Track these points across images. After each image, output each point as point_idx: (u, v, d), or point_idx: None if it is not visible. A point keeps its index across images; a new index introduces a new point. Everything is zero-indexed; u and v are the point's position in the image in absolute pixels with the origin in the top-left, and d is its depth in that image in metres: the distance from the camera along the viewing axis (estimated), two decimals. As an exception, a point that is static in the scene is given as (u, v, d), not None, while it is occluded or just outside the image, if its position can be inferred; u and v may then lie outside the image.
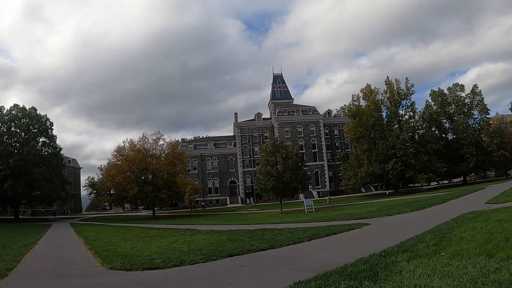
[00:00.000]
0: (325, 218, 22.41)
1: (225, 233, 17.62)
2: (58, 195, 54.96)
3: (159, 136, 51.23)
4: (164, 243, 14.85)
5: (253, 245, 11.50)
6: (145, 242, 15.63)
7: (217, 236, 15.92)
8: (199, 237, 16.46)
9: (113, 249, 13.31)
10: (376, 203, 37.47)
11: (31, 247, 16.16)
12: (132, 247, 13.68)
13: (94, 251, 12.99)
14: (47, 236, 23.89)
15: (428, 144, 60.91)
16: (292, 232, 14.59)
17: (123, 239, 18.32)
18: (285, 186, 36.89)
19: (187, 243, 14.03)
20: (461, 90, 70.46)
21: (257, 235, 14.74)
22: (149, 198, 46.35)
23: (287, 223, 22.47)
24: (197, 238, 15.80)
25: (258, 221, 26.69)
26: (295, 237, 12.79)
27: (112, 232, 24.26)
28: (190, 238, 16.05)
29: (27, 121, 55.88)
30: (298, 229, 16.04)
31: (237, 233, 16.58)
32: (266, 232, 15.84)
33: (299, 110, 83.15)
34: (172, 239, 16.30)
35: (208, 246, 12.43)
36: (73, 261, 11.18)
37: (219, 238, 14.91)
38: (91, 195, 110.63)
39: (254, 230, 17.37)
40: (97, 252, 12.68)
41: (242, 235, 15.41)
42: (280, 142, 43.96)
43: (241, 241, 13.20)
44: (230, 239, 14.20)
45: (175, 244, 14.05)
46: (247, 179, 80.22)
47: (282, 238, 12.73)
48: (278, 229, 16.77)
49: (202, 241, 14.57)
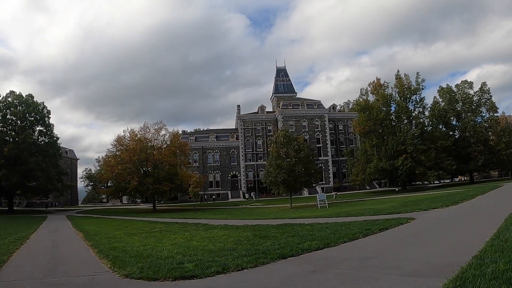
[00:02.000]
0: (350, 213, 20.46)
1: (245, 228, 15.52)
2: (54, 186, 52.59)
3: (161, 125, 48.89)
4: (179, 239, 12.67)
5: (297, 242, 9.41)
6: (155, 238, 13.44)
7: (239, 232, 13.79)
8: (218, 232, 14.31)
9: (121, 247, 11.08)
10: (392, 199, 35.47)
11: (22, 242, 13.91)
12: (143, 245, 11.45)
13: (98, 250, 10.78)
14: (41, 229, 21.61)
15: (438, 141, 59.22)
16: (331, 228, 12.54)
17: (128, 234, 16.13)
18: (296, 179, 34.77)
19: (209, 240, 11.89)
20: (469, 88, 69.14)
21: (288, 231, 12.76)
22: (150, 191, 44.00)
23: (307, 218, 20.41)
24: (216, 234, 13.64)
25: (272, 216, 24.55)
26: (345, 233, 10.73)
27: (113, 226, 22.05)
28: (207, 234, 13.88)
29: (23, 109, 53.37)
30: (335, 224, 13.98)
31: (261, 229, 14.48)
32: (296, 227, 13.85)
33: (304, 104, 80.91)
34: (186, 235, 14.13)
35: (237, 244, 10.30)
36: (73, 264, 8.84)
37: (244, 234, 12.80)
38: (88, 187, 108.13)
39: (279, 226, 15.33)
40: (102, 250, 10.48)
41: (269, 231, 13.37)
42: (291, 133, 41.70)
43: (274, 238, 11.14)
44: (258, 235, 12.13)
45: (194, 241, 11.88)
46: (249, 173, 78.05)
47: (327, 234, 10.71)
48: (307, 224, 14.73)
49: (224, 237, 12.44)
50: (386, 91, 61.77)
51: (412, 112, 61.75)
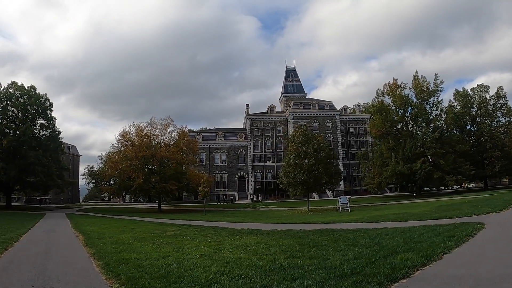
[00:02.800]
0: (388, 218, 17.71)
1: (279, 234, 12.96)
2: (55, 182, 49.93)
3: (168, 121, 46.11)
4: (205, 248, 9.97)
5: (382, 255, 6.71)
6: (173, 246, 10.74)
7: (275, 239, 11.21)
8: (248, 239, 11.63)
9: (134, 259, 8.33)
10: (418, 203, 32.73)
11: (7, 247, 11.18)
12: (162, 256, 8.75)
13: (104, 263, 8.10)
14: (35, 229, 18.84)
15: (457, 145, 56.64)
16: (395, 234, 10.01)
17: (137, 238, 13.42)
18: (315, 180, 32.06)
19: (244, 250, 9.28)
20: (485, 92, 66.87)
21: (339, 238, 10.52)
22: (156, 190, 41.22)
23: (341, 222, 17.90)
24: (248, 242, 10.96)
25: (296, 220, 21.79)
26: (425, 241, 8.04)
27: (117, 227, 19.32)
28: (237, 241, 11.20)
29: (24, 101, 50.91)
30: (392, 230, 11.50)
31: (301, 235, 12.07)
32: (345, 234, 11.64)
33: (316, 105, 78.20)
34: (210, 242, 11.43)
35: (289, 256, 7.96)
36: (68, 285, 6.15)
37: (285, 242, 10.23)
38: (90, 185, 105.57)
39: (320, 231, 12.84)
40: (109, 265, 7.82)
41: (314, 238, 10.97)
42: (310, 132, 39.01)
43: (332, 248, 8.84)
44: (305, 243, 9.72)
45: (226, 251, 9.22)
46: (257, 174, 75.24)
47: (400, 243, 8.16)
48: (357, 230, 12.46)
49: (261, 246, 9.86)
50: (403, 92, 59.21)
51: (430, 114, 59.19)
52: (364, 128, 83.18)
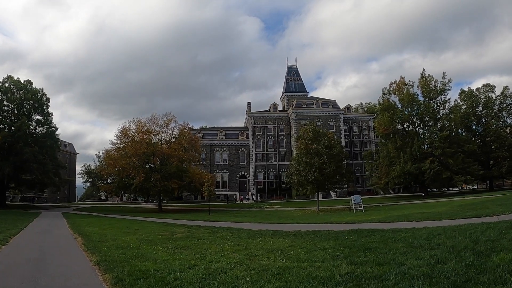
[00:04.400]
0: (415, 218, 16.25)
1: (306, 235, 11.47)
2: (51, 180, 47.94)
3: (170, 117, 44.25)
4: (232, 253, 8.36)
5: (455, 257, 5.19)
6: (191, 251, 9.06)
7: (309, 242, 9.78)
8: (278, 242, 10.03)
9: (152, 270, 6.56)
10: (434, 203, 31.19)
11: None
12: (186, 265, 7.05)
13: (113, 275, 6.34)
14: (29, 230, 16.98)
15: (465, 145, 55.33)
16: (450, 235, 8.73)
17: (145, 241, 11.69)
18: (326, 179, 30.44)
19: (282, 255, 7.86)
20: (491, 91, 65.63)
21: (385, 240, 9.16)
22: (157, 188, 39.37)
23: (362, 222, 16.58)
24: (279, 245, 9.40)
25: (311, 220, 20.11)
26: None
27: (120, 228, 17.56)
28: (266, 245, 9.64)
29: (20, 95, 48.96)
30: (436, 229, 10.10)
31: (334, 237, 10.57)
32: (386, 235, 10.24)
33: (319, 103, 76.58)
34: (233, 246, 9.77)
35: (347, 262, 6.42)
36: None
37: (323, 245, 8.90)
38: (87, 184, 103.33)
39: (352, 232, 11.40)
40: (121, 279, 6.02)
41: (354, 240, 9.78)
42: (320, 128, 37.38)
43: (383, 250, 7.73)
44: (348, 245, 8.23)
45: (262, 258, 7.63)
46: (259, 174, 73.46)
47: (467, 244, 6.51)
48: (398, 230, 10.70)
49: (297, 249, 8.47)
50: (410, 90, 57.78)
51: (438, 113, 57.81)
52: (367, 127, 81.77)
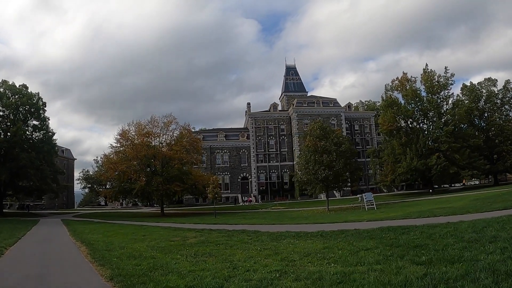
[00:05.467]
0: (439, 213, 15.87)
1: (334, 235, 10.45)
2: (49, 186, 46.57)
3: (170, 119, 42.98)
4: (265, 259, 7.28)
5: None
6: (218, 260, 7.90)
7: (343, 242, 8.71)
8: (309, 245, 8.95)
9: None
10: (446, 199, 30.38)
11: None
12: (222, 277, 5.86)
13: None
14: (26, 239, 15.64)
15: (470, 139, 54.69)
16: (499, 227, 8.49)
17: (158, 249, 10.52)
18: (336, 177, 29.38)
19: (321, 258, 6.84)
20: (493, 85, 65.19)
21: (426, 235, 8.78)
22: (160, 192, 38.09)
23: (385, 220, 15.62)
24: (312, 247, 8.41)
25: (327, 220, 18.96)
26: None
27: (125, 234, 16.34)
28: (298, 248, 8.54)
29: (16, 100, 47.59)
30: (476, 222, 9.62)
31: (368, 235, 9.71)
32: (424, 230, 9.64)
33: (320, 102, 75.60)
34: (261, 251, 8.64)
35: (410, 263, 5.89)
36: None
37: (362, 245, 7.94)
38: (85, 189, 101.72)
39: (384, 229, 10.67)
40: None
41: (392, 237, 9.12)
42: (328, 125, 36.35)
43: (435, 246, 7.32)
44: (391, 244, 7.69)
45: (302, 262, 6.57)
46: (260, 175, 72.31)
47: None
48: (422, 226, 9.93)
49: (337, 251, 7.60)
50: (413, 86, 56.97)
51: (442, 108, 57.05)
52: (369, 125, 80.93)
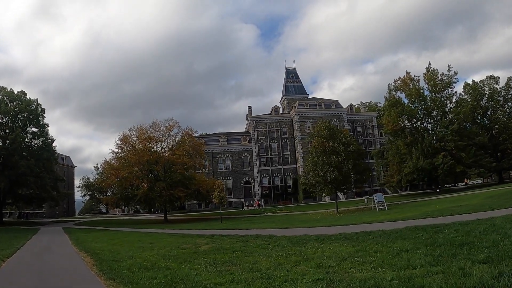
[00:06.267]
0: (459, 211, 15.23)
1: (359, 236, 9.61)
2: (49, 194, 45.52)
3: (172, 123, 42.10)
4: (297, 266, 6.54)
5: None
6: (243, 269, 7.05)
7: (374, 244, 7.88)
8: (338, 248, 8.11)
9: None
10: (457, 197, 29.50)
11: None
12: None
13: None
14: (26, 249, 14.66)
15: (476, 137, 54.06)
16: None
17: (171, 258, 9.61)
18: (345, 178, 28.54)
19: (362, 262, 6.34)
20: (495, 83, 64.73)
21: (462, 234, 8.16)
22: (163, 197, 37.10)
23: (403, 220, 14.95)
24: (344, 251, 7.49)
25: (340, 222, 18.06)
26: None
27: (131, 242, 15.41)
28: (326, 252, 7.60)
29: (14, 106, 46.76)
30: None
31: (397, 237, 8.92)
32: (458, 228, 9.28)
33: (321, 104, 74.83)
34: (287, 257, 7.74)
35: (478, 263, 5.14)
36: None
37: (396, 246, 7.02)
38: (86, 197, 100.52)
39: (411, 229, 10.01)
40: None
41: (427, 237, 8.47)
42: (334, 125, 35.55)
43: (483, 243, 6.80)
44: (430, 244, 7.12)
45: (342, 268, 5.87)
46: (263, 179, 71.33)
47: None
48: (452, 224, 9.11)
49: (374, 254, 6.93)
50: (417, 85, 56.32)
51: (446, 106, 56.38)
52: (371, 126, 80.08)
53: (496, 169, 61.47)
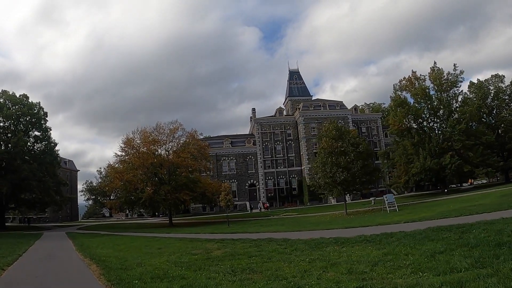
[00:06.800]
0: (479, 210, 14.86)
1: (383, 240, 9.16)
2: (52, 198, 44.94)
3: (176, 125, 41.51)
4: (325, 272, 6.04)
5: None
6: (266, 276, 6.41)
7: (405, 247, 7.16)
8: (365, 252, 7.33)
9: None
10: (468, 197, 28.88)
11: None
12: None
13: None
14: (28, 256, 13.97)
15: (483, 136, 53.34)
16: None
17: (184, 265, 8.94)
18: (355, 179, 27.84)
19: (402, 266, 5.83)
20: (500, 81, 64.15)
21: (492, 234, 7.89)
22: (169, 201, 36.43)
23: (421, 221, 14.64)
24: (371, 254, 6.70)
25: (354, 224, 17.31)
26: None
27: (138, 248, 14.75)
28: (353, 257, 6.92)
29: (16, 110, 46.34)
30: None
31: (431, 237, 8.60)
32: (488, 227, 8.91)
33: (326, 105, 74.14)
34: (310, 262, 7.06)
35: None
36: None
37: (427, 248, 6.49)
38: (89, 201, 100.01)
39: (436, 229, 9.61)
40: None
41: (458, 238, 8.18)
42: (343, 126, 34.89)
43: None
44: (468, 244, 6.92)
45: (381, 275, 5.48)
46: (268, 181, 70.63)
47: None
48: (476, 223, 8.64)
49: (406, 257, 6.40)
50: (423, 84, 55.64)
51: (452, 105, 55.66)
52: (376, 127, 79.29)
53: (503, 168, 60.70)
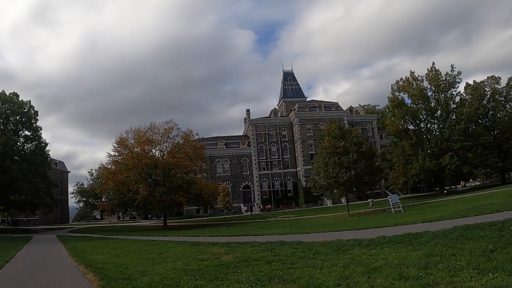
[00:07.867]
0: (492, 209, 14.53)
1: (412, 241, 8.48)
2: (42, 200, 43.41)
3: (171, 125, 40.40)
4: (379, 280, 5.15)
5: None
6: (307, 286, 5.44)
7: (448, 248, 6.64)
8: (397, 255, 6.42)
9: None
10: (471, 197, 28.36)
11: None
12: None
13: None
14: (14, 263, 12.63)
15: (481, 137, 53.38)
16: None
17: (192, 272, 7.99)
18: (358, 179, 27.12)
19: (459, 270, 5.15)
20: (496, 83, 64.46)
21: None
22: (164, 202, 35.24)
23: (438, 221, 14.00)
24: (411, 257, 5.93)
25: (365, 225, 16.47)
26: None
27: (136, 253, 13.68)
28: (394, 260, 6.03)
29: (6, 108, 44.78)
30: None
31: (469, 236, 7.94)
32: None
33: (321, 106, 73.58)
34: (345, 268, 6.23)
35: None
36: None
37: (469, 248, 5.98)
38: (80, 203, 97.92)
39: (460, 229, 9.08)
40: None
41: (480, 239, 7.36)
42: (344, 125, 34.16)
43: None
44: None
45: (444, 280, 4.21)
46: (263, 183, 69.69)
47: None
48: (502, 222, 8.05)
49: (451, 259, 5.40)
50: (421, 85, 55.44)
51: (450, 106, 55.57)
52: (371, 128, 78.98)
53: (501, 169, 60.81)
